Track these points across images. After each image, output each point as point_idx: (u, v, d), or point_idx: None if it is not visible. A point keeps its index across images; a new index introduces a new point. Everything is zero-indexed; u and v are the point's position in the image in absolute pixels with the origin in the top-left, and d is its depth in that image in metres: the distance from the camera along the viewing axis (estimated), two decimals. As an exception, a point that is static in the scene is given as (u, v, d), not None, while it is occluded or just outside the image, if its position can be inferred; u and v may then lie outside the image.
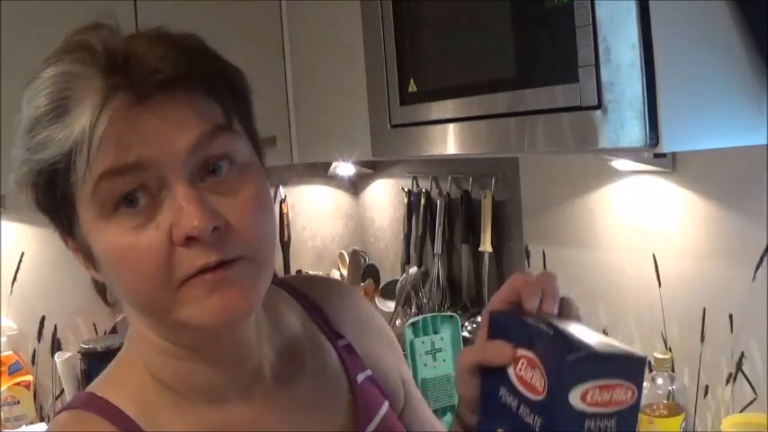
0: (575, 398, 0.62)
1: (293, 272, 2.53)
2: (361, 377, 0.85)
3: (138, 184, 0.65)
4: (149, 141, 0.65)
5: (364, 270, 2.53)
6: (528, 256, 1.94)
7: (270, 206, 0.73)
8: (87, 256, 0.71)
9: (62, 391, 2.12)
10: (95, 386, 0.78)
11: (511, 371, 0.67)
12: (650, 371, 1.58)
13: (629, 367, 0.64)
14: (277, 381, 0.79)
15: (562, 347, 0.64)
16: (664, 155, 1.51)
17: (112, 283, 0.71)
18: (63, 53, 0.68)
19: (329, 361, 0.85)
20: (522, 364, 0.66)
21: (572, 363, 0.62)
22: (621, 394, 0.63)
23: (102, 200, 0.66)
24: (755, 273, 1.42)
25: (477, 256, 2.06)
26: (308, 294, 0.89)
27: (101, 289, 0.76)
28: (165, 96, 0.66)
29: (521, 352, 0.67)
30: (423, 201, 2.22)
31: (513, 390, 0.67)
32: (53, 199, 0.68)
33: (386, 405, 0.86)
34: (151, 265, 0.66)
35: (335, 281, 0.97)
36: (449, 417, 1.84)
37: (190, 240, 0.65)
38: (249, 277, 0.69)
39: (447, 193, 2.16)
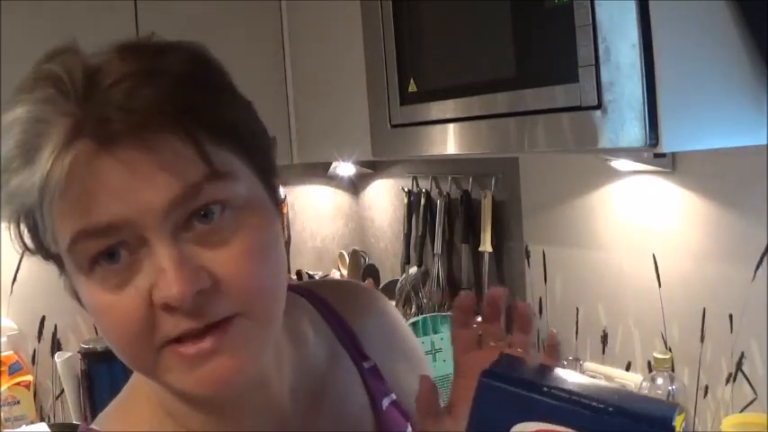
0: None
1: (293, 272, 2.54)
2: (385, 402, 0.80)
3: (116, 241, 0.58)
4: (119, 198, 0.57)
5: (364, 270, 2.53)
6: (528, 256, 1.94)
7: (274, 251, 0.63)
8: (77, 300, 0.65)
9: (62, 391, 2.12)
10: (99, 421, 0.72)
11: None
12: (650, 371, 1.58)
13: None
14: (299, 411, 0.73)
15: (623, 422, 0.55)
16: (664, 155, 1.51)
17: (100, 333, 0.64)
18: (31, 89, 0.59)
19: (353, 386, 0.79)
20: None
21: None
22: None
23: (79, 260, 0.59)
24: (755, 273, 1.42)
25: (477, 256, 2.06)
26: (335, 307, 0.83)
27: None
28: (133, 143, 0.56)
29: (536, 426, 0.56)
30: (423, 201, 2.22)
31: None
32: (37, 245, 0.63)
33: (409, 429, 0.81)
34: (130, 327, 0.59)
35: (362, 288, 0.90)
36: (449, 417, 1.84)
37: (168, 306, 0.58)
38: (245, 337, 0.61)
39: (447, 193, 2.16)
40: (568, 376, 0.60)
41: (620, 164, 1.63)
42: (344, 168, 2.56)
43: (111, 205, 0.57)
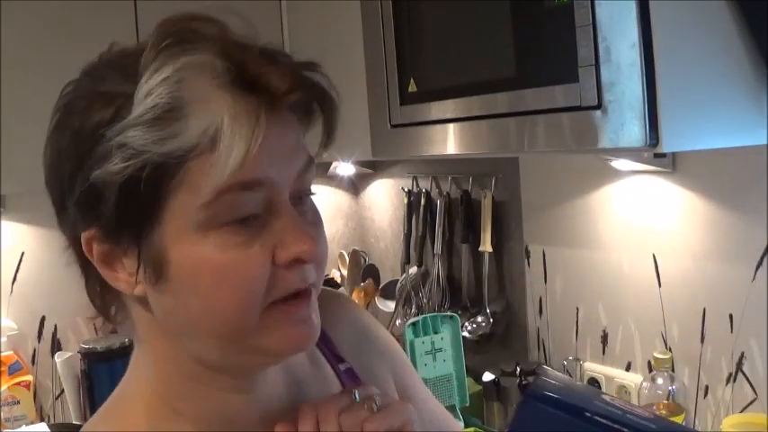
0: None
1: (293, 272, 2.53)
2: None
3: (254, 204, 0.64)
4: (274, 160, 0.64)
5: (364, 270, 2.53)
6: (528, 256, 1.94)
7: None
8: (151, 268, 0.65)
9: (62, 391, 2.12)
10: (100, 420, 0.74)
11: None
12: (650, 371, 1.58)
13: None
14: (282, 407, 0.76)
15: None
16: (664, 155, 1.51)
17: (185, 300, 0.65)
18: (177, 39, 0.63)
19: (330, 387, 0.82)
20: None
21: None
22: None
23: (218, 212, 0.62)
24: (755, 273, 1.42)
25: (477, 256, 2.06)
26: None
27: (103, 305, 0.71)
28: (286, 117, 0.66)
29: None
30: (423, 201, 2.22)
31: None
32: (135, 199, 0.62)
33: None
34: (253, 283, 0.64)
35: (333, 293, 0.94)
36: (449, 417, 1.84)
37: (294, 262, 0.65)
38: (316, 306, 0.70)
39: (447, 193, 2.16)
40: (610, 401, 0.59)
41: (620, 164, 1.63)
42: (344, 168, 2.56)
43: (268, 165, 0.63)
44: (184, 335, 0.68)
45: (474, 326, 2.04)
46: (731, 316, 1.47)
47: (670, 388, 1.51)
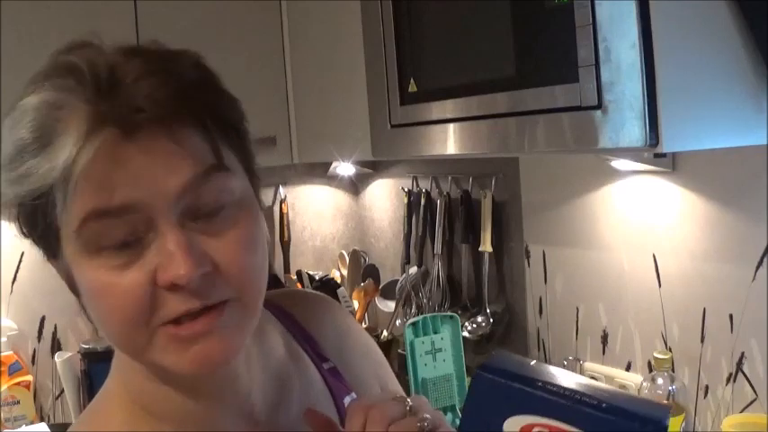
0: None
1: (293, 272, 2.54)
2: (347, 401, 0.84)
3: (127, 225, 0.62)
4: (137, 182, 0.61)
5: (364, 270, 2.53)
6: (528, 256, 1.94)
7: (262, 244, 0.69)
8: (70, 286, 0.68)
9: (62, 391, 2.12)
10: (81, 423, 0.76)
11: None
12: (650, 371, 1.58)
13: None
14: (266, 407, 0.77)
15: (623, 421, 0.56)
16: (664, 155, 1.51)
17: (93, 316, 0.68)
18: (47, 77, 0.63)
19: (315, 385, 0.83)
20: None
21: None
22: None
23: (87, 239, 0.62)
24: (755, 273, 1.42)
25: (477, 256, 2.06)
26: (292, 312, 0.87)
27: (83, 309, 0.72)
28: (154, 132, 0.61)
29: (530, 420, 0.57)
30: (423, 201, 2.22)
31: None
32: (36, 228, 0.65)
33: None
34: (131, 306, 0.63)
35: (317, 296, 0.95)
36: (450, 417, 1.84)
37: (173, 286, 0.62)
38: (234, 321, 0.66)
39: (447, 193, 2.16)
40: (564, 374, 0.60)
41: (620, 164, 1.63)
42: (344, 168, 2.56)
43: (130, 189, 0.61)
44: None
45: (474, 326, 2.04)
46: (731, 316, 1.47)
47: (670, 388, 1.51)
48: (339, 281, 2.50)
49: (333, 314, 0.92)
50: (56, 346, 2.17)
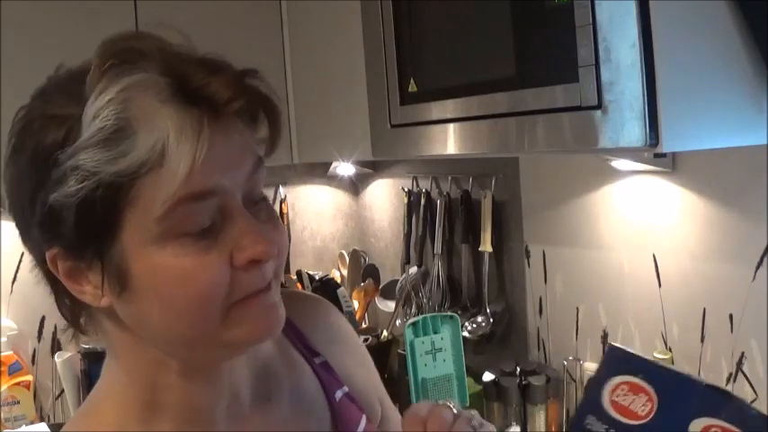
0: (695, 427, 0.63)
1: (293, 272, 2.53)
2: (338, 394, 0.86)
3: (209, 213, 0.66)
4: (223, 167, 0.66)
5: (364, 270, 2.53)
6: (528, 256, 1.95)
7: None
8: (114, 280, 0.67)
9: (62, 391, 2.13)
10: (75, 423, 0.78)
11: (605, 397, 0.68)
12: (650, 371, 1.58)
13: (742, 416, 0.65)
14: (256, 403, 0.79)
15: (688, 378, 0.67)
16: (664, 155, 1.51)
17: (148, 308, 0.68)
18: (119, 60, 0.65)
19: (306, 380, 0.85)
20: (622, 390, 0.67)
21: (704, 390, 0.65)
22: None
23: (173, 224, 0.65)
24: (755, 273, 1.42)
25: (477, 256, 2.06)
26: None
27: (73, 317, 0.76)
28: (228, 122, 0.67)
29: (620, 379, 0.68)
30: (423, 201, 2.22)
31: (603, 416, 0.67)
32: (91, 218, 0.65)
33: (364, 420, 0.86)
34: (213, 288, 0.66)
35: (308, 295, 0.98)
36: (449, 417, 1.84)
37: (252, 263, 0.67)
38: (278, 296, 0.72)
39: (447, 193, 2.16)
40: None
41: (620, 164, 1.63)
42: (344, 168, 2.56)
43: (219, 173, 0.66)
44: (152, 339, 0.71)
45: (474, 326, 2.04)
46: (731, 316, 1.47)
47: (670, 388, 1.51)
48: (339, 281, 2.50)
49: (324, 313, 0.95)
50: (56, 346, 2.17)
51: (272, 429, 0.79)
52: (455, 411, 0.76)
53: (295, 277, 2.50)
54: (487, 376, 1.88)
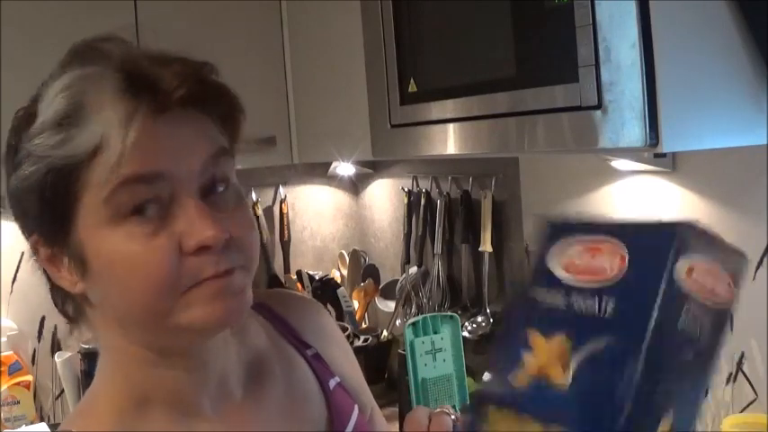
0: (679, 272, 0.54)
1: (293, 272, 2.53)
2: (332, 383, 0.87)
3: (155, 194, 0.68)
4: (169, 154, 0.68)
5: (364, 270, 2.53)
6: (528, 256, 1.94)
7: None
8: (77, 264, 0.71)
9: (62, 391, 2.13)
10: (71, 421, 0.79)
11: (555, 266, 0.59)
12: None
13: (734, 263, 0.60)
14: (248, 395, 0.81)
15: (659, 224, 0.57)
16: (664, 155, 1.51)
17: (107, 290, 0.71)
18: (80, 58, 0.70)
19: (300, 370, 0.87)
20: (578, 253, 0.58)
21: (685, 230, 0.56)
22: (725, 289, 0.58)
23: (118, 205, 0.67)
24: (755, 273, 1.42)
25: (477, 256, 2.06)
26: (272, 307, 0.91)
27: (63, 307, 0.78)
28: (179, 114, 0.69)
29: (576, 238, 0.59)
30: (423, 201, 2.22)
31: (557, 285, 0.59)
32: (48, 202, 0.69)
33: (356, 409, 0.88)
34: (162, 271, 0.68)
35: (296, 295, 1.01)
36: (449, 417, 1.84)
37: (201, 250, 0.68)
38: (244, 285, 0.72)
39: (447, 193, 2.16)
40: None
41: (620, 164, 1.63)
42: (344, 168, 2.56)
43: (164, 159, 0.68)
44: (118, 322, 0.74)
45: (474, 326, 2.04)
46: (731, 316, 1.47)
47: (670, 388, 1.51)
48: (339, 281, 2.50)
49: (314, 312, 0.97)
50: (56, 346, 2.17)
51: (267, 415, 0.81)
52: (452, 417, 0.78)
53: (295, 277, 2.50)
54: (487, 376, 1.87)
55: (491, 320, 2.01)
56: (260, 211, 2.48)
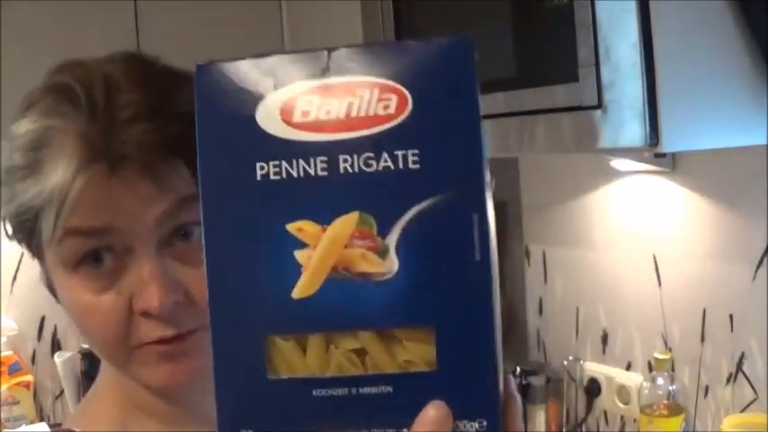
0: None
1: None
2: None
3: (105, 245, 0.65)
4: (119, 211, 0.65)
5: (364, 270, 2.53)
6: (528, 257, 1.94)
7: None
8: (51, 292, 0.73)
9: (62, 391, 2.12)
10: (73, 420, 0.79)
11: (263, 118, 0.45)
12: (650, 371, 1.58)
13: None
14: None
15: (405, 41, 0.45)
16: (664, 155, 1.51)
17: (75, 324, 0.72)
18: (43, 97, 0.68)
19: None
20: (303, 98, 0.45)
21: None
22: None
23: (65, 255, 0.66)
24: (755, 273, 1.42)
25: (477, 256, 2.05)
26: None
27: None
28: (138, 170, 0.65)
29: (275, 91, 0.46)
30: (423, 201, 2.22)
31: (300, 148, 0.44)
32: (24, 230, 0.70)
33: None
34: (108, 329, 0.67)
35: None
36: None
37: (147, 314, 0.65)
38: (203, 347, 0.66)
39: (447, 193, 2.16)
40: None
41: (620, 164, 1.63)
42: (344, 168, 2.56)
43: (112, 216, 0.65)
44: None
45: (474, 326, 2.03)
46: (731, 316, 1.47)
47: (670, 388, 1.51)
48: (339, 281, 2.50)
49: None
50: (56, 346, 2.17)
51: None
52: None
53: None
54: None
55: (491, 320, 2.01)
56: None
